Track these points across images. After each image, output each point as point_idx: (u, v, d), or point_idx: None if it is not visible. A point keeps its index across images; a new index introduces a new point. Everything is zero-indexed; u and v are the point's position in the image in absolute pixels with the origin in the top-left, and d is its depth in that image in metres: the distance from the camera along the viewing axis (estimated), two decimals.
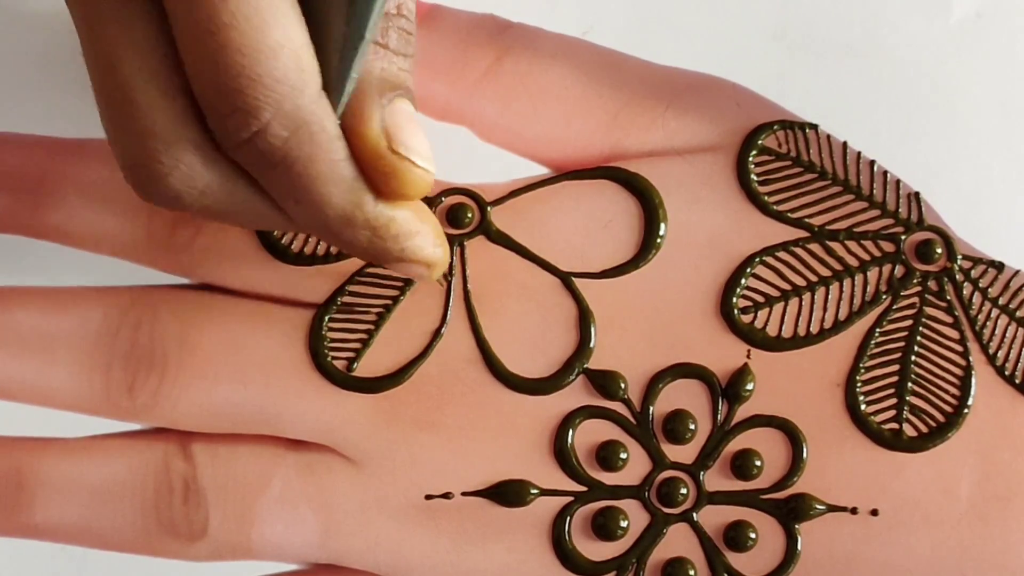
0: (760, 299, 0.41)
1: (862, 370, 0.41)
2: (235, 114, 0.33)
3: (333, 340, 0.41)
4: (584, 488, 0.41)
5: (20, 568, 0.41)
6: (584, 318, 0.41)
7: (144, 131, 0.34)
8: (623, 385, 0.41)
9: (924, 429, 0.40)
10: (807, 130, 0.42)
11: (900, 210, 0.41)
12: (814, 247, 0.41)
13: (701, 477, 0.41)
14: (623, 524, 0.41)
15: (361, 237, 0.36)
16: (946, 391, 0.41)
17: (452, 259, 0.41)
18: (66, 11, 0.39)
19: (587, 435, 0.41)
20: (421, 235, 0.37)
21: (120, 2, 0.34)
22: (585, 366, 0.41)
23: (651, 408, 0.41)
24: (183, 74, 0.34)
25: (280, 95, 0.33)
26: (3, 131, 0.43)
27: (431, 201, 0.42)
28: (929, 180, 0.41)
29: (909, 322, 0.41)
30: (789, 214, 0.41)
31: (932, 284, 0.41)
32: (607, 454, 0.41)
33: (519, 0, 0.43)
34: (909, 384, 0.41)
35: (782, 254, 0.41)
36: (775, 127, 0.42)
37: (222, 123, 0.34)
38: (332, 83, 0.34)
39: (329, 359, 0.41)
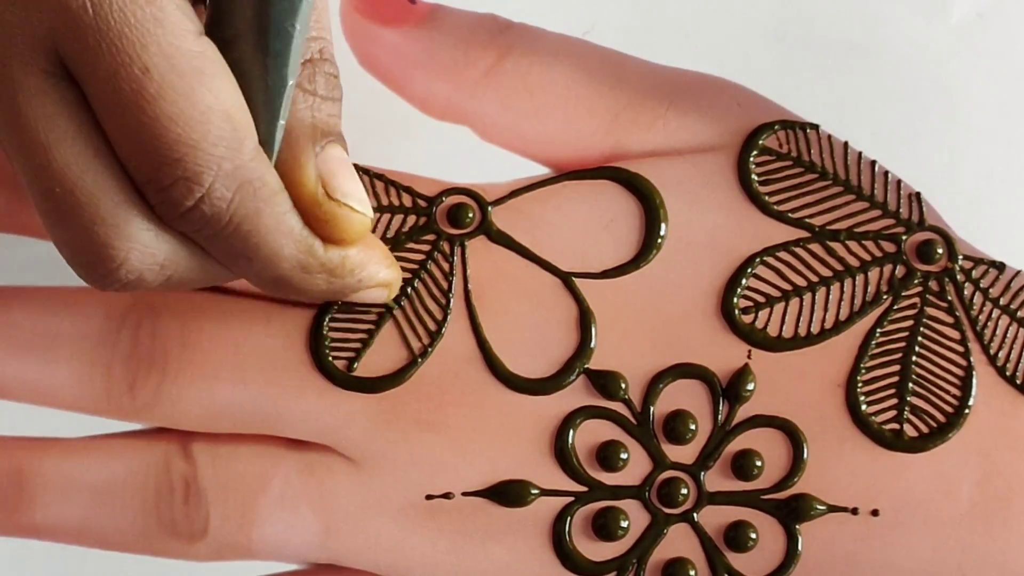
0: (761, 299, 0.41)
1: (863, 370, 0.41)
2: (177, 184, 0.33)
3: (333, 340, 0.41)
4: (585, 488, 0.41)
5: (20, 568, 0.41)
6: (585, 318, 0.41)
7: (91, 220, 0.34)
8: (624, 385, 0.41)
9: (925, 429, 0.40)
10: (808, 130, 0.42)
11: (901, 210, 0.41)
12: (815, 247, 0.41)
13: (702, 477, 0.41)
14: (623, 524, 0.41)
15: (319, 281, 0.37)
16: (947, 391, 0.41)
17: (453, 259, 0.41)
18: None
19: (588, 435, 0.41)
20: (373, 261, 0.38)
21: (39, 97, 0.33)
22: (586, 366, 0.41)
23: (652, 408, 0.41)
24: (115, 155, 0.34)
25: (219, 157, 0.33)
26: None
27: (432, 200, 0.42)
28: (930, 180, 0.41)
29: (910, 322, 0.41)
30: (790, 214, 0.41)
31: (933, 284, 0.41)
32: (608, 454, 0.41)
33: (520, 0, 0.43)
34: (910, 384, 0.41)
35: (783, 254, 0.41)
36: (776, 127, 0.42)
37: (164, 195, 0.34)
38: (264, 135, 0.34)
39: (329, 359, 0.41)
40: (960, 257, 0.41)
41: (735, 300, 0.41)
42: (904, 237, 0.41)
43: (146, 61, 0.33)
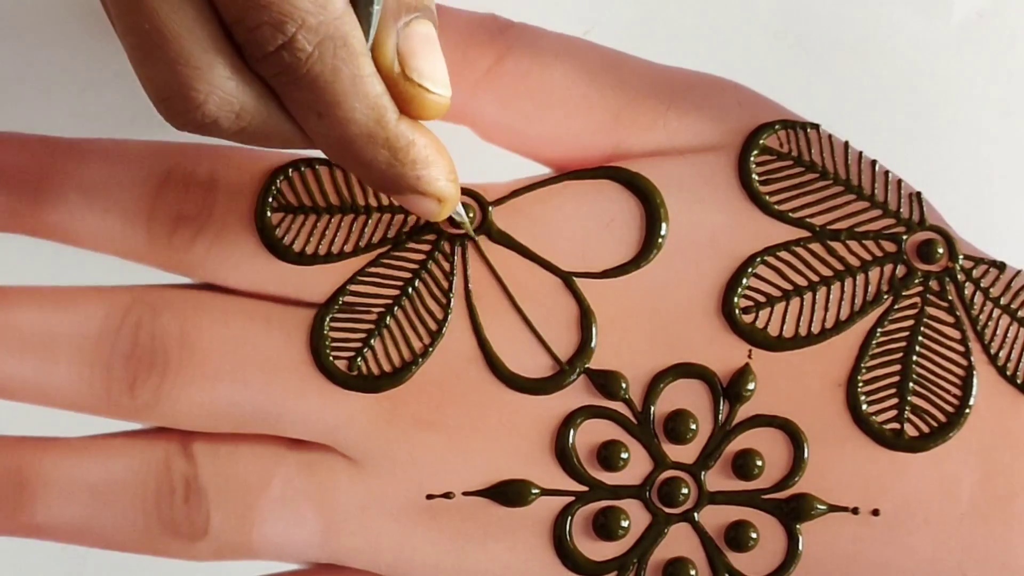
0: (761, 299, 0.41)
1: (863, 370, 0.41)
2: (262, 27, 0.34)
3: (334, 340, 0.41)
4: (585, 488, 0.41)
5: (21, 568, 0.41)
6: (585, 318, 0.41)
7: (177, 59, 0.34)
8: (624, 385, 0.41)
9: (925, 429, 0.40)
10: (808, 130, 0.42)
11: (901, 210, 0.41)
12: (815, 247, 0.41)
13: (702, 477, 0.41)
14: (624, 524, 0.41)
15: (381, 157, 0.36)
16: (947, 391, 0.41)
17: (453, 259, 0.41)
18: (68, 10, 0.39)
19: (588, 435, 0.41)
20: (437, 167, 0.37)
21: None
22: (586, 366, 0.41)
23: (652, 408, 0.41)
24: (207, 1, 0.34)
25: (304, 11, 0.34)
26: (3, 131, 0.43)
27: None
28: (930, 180, 0.41)
29: (910, 322, 0.41)
30: (790, 214, 0.41)
31: (933, 284, 0.41)
32: (608, 454, 0.41)
33: (520, 0, 0.43)
34: (910, 384, 0.41)
35: (783, 254, 0.41)
36: (776, 127, 0.42)
37: (250, 35, 0.34)
38: (357, 7, 0.35)
39: (330, 359, 0.41)
40: (960, 257, 0.41)
41: (736, 300, 0.41)
42: (905, 237, 0.41)
43: None
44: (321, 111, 0.35)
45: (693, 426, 0.41)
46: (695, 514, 0.41)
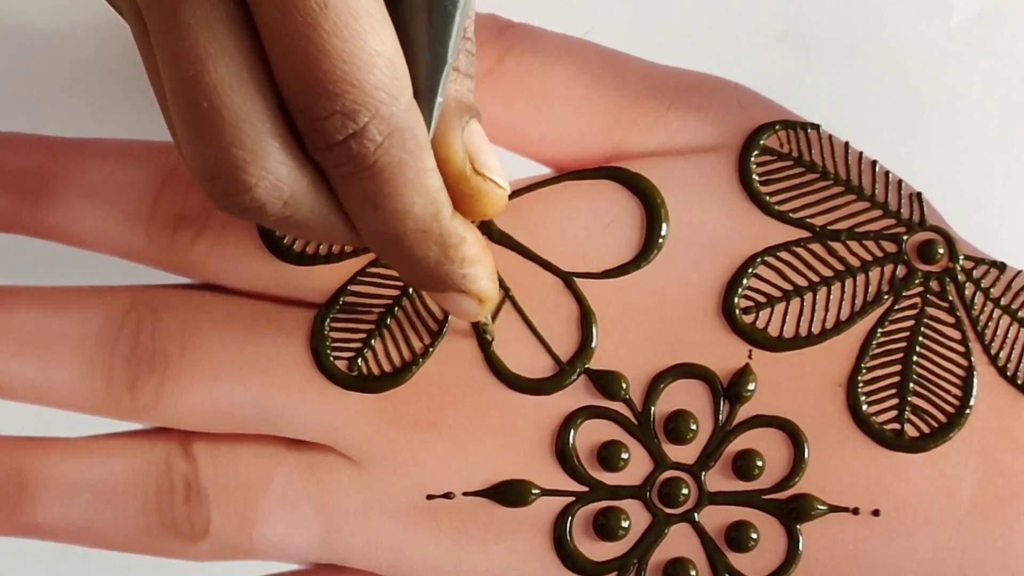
0: (762, 299, 0.41)
1: (864, 370, 0.41)
2: (332, 117, 0.33)
3: (335, 340, 0.41)
4: (585, 488, 0.41)
5: (21, 568, 0.41)
6: (586, 318, 0.41)
7: (231, 142, 0.33)
8: (624, 385, 0.41)
9: (926, 429, 0.40)
10: (809, 130, 0.42)
11: (902, 210, 0.41)
12: (816, 247, 0.41)
13: (702, 477, 0.41)
14: (624, 524, 0.41)
15: (431, 254, 0.36)
16: (948, 391, 0.41)
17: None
18: (67, 9, 0.39)
19: (588, 435, 0.41)
20: (483, 266, 0.37)
21: (205, 9, 0.33)
22: (586, 366, 0.41)
23: (652, 408, 0.41)
24: (271, 80, 0.33)
25: (378, 101, 0.33)
26: (3, 131, 0.43)
27: None
28: (931, 180, 0.41)
29: (911, 322, 0.41)
30: (791, 214, 0.41)
31: (934, 284, 0.41)
32: (608, 454, 0.41)
33: (520, 0, 0.43)
34: (911, 384, 0.41)
35: (784, 254, 0.41)
36: (777, 127, 0.42)
37: (317, 124, 0.33)
38: (420, 102, 0.35)
39: (331, 359, 0.41)
40: (961, 257, 0.41)
41: (736, 300, 0.41)
42: (905, 237, 0.41)
43: None
44: (379, 204, 0.35)
45: (693, 426, 0.41)
46: (695, 514, 0.41)
